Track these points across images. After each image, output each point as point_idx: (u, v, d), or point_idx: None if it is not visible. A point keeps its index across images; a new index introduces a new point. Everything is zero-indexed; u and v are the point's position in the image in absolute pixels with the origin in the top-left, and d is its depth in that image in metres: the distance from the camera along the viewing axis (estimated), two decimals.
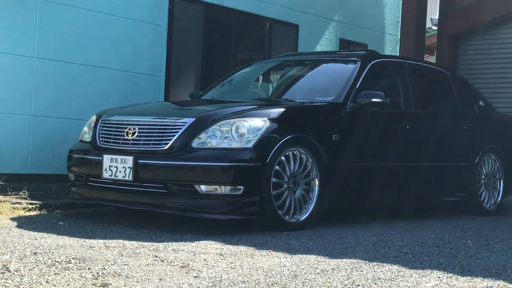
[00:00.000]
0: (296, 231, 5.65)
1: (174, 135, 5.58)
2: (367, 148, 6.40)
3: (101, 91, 8.78)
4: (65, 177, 6.62)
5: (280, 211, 5.60)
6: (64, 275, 3.89)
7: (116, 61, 8.95)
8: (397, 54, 13.10)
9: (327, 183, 5.92)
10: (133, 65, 9.14)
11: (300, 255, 4.61)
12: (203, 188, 5.43)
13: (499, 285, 3.85)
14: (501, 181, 7.89)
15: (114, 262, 4.25)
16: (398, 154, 6.71)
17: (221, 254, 4.61)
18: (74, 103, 8.51)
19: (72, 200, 6.25)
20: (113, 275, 3.93)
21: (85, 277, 3.88)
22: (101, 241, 4.95)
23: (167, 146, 5.58)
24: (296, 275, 3.98)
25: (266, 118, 5.63)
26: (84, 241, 4.93)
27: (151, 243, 4.95)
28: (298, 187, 5.78)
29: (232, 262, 4.35)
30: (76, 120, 8.41)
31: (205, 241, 5.07)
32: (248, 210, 5.47)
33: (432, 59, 17.53)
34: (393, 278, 3.95)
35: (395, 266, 4.31)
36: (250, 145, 5.48)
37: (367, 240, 5.36)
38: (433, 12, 17.98)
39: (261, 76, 7.77)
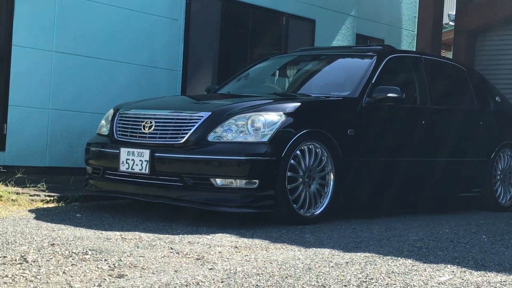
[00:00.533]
0: (311, 225, 5.68)
1: (190, 129, 5.63)
2: (382, 143, 6.41)
3: (119, 85, 8.84)
4: (83, 170, 6.69)
5: (295, 205, 5.63)
6: (81, 266, 3.94)
7: (134, 56, 9.01)
8: (414, 49, 13.07)
9: (342, 178, 5.94)
10: (151, 60, 9.19)
11: (314, 249, 4.64)
12: (218, 181, 5.48)
13: None
14: None
15: (130, 254, 4.30)
16: (413, 150, 6.71)
17: (236, 247, 4.65)
18: (92, 97, 8.59)
19: (89, 192, 6.32)
20: (129, 267, 3.99)
21: (102, 268, 3.93)
22: (117, 233, 5.01)
23: (183, 139, 5.62)
24: (310, 268, 4.01)
25: (281, 113, 5.66)
26: (101, 233, 4.98)
27: (167, 235, 5.00)
28: (313, 181, 5.81)
29: (247, 255, 4.38)
30: (94, 114, 8.48)
31: (220, 234, 5.11)
32: (263, 203, 5.51)
33: (449, 54, 17.45)
34: (407, 272, 3.97)
35: (409, 260, 4.33)
36: (265, 139, 5.52)
37: (381, 234, 5.38)
38: (450, 7, 17.90)
39: (277, 71, 7.79)
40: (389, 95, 6.30)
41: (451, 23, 17.34)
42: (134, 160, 5.75)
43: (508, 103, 8.21)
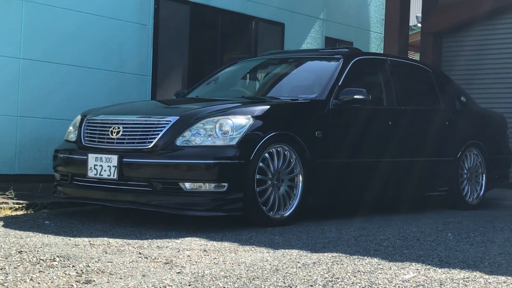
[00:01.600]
0: (281, 226, 5.72)
1: (158, 134, 5.64)
2: (350, 144, 6.47)
3: (88, 91, 8.82)
4: (52, 177, 6.66)
5: (264, 208, 5.67)
6: (49, 273, 3.94)
7: (103, 62, 8.99)
8: (382, 51, 13.20)
9: (311, 180, 5.99)
10: (120, 65, 9.19)
11: (283, 250, 4.68)
12: (187, 185, 5.49)
13: (476, 276, 3.93)
14: (483, 175, 7.99)
15: (98, 260, 4.31)
16: (381, 150, 6.79)
17: (205, 250, 4.67)
18: (61, 104, 8.55)
19: (58, 199, 6.30)
20: (97, 272, 3.99)
21: (69, 274, 3.93)
22: (86, 239, 5.01)
23: (151, 144, 5.63)
24: (277, 269, 4.05)
25: (249, 116, 5.70)
26: (69, 240, 4.98)
27: (136, 240, 5.01)
28: (282, 184, 5.85)
29: (215, 258, 4.41)
30: (63, 121, 8.45)
31: (189, 238, 5.13)
32: (232, 207, 5.54)
33: (418, 56, 17.63)
34: (373, 271, 4.02)
35: (375, 259, 4.38)
36: (234, 142, 5.55)
37: (349, 234, 5.43)
38: (418, 9, 18.08)
39: (246, 75, 7.83)
40: (356, 97, 6.37)
41: (419, 24, 17.51)
42: (102, 166, 5.75)
43: (473, 103, 8.33)
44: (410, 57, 11.35)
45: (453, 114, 7.81)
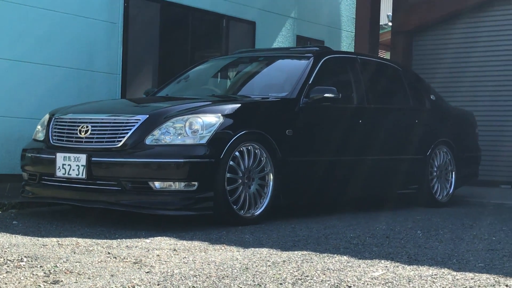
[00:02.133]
0: (251, 225, 5.71)
1: (127, 133, 5.60)
2: (320, 143, 6.49)
3: (57, 89, 8.73)
4: (20, 177, 6.58)
5: (235, 206, 5.65)
6: (16, 273, 3.89)
7: (72, 60, 8.90)
8: (353, 50, 13.25)
9: (282, 178, 5.99)
10: (89, 63, 9.10)
11: (253, 249, 4.67)
12: (157, 184, 5.46)
13: (444, 272, 3.96)
14: (453, 173, 8.05)
15: (67, 260, 4.26)
16: (351, 148, 6.81)
17: (175, 250, 4.64)
18: (29, 102, 8.45)
19: (26, 199, 6.23)
20: (65, 272, 3.95)
21: (37, 275, 3.88)
22: (54, 239, 4.95)
23: (121, 143, 5.59)
24: (247, 268, 4.04)
25: (219, 114, 5.68)
26: (37, 240, 4.92)
27: (105, 240, 4.96)
28: (252, 182, 5.84)
29: (185, 257, 4.39)
30: (32, 120, 8.35)
31: (159, 237, 5.10)
32: (202, 205, 5.52)
33: (389, 55, 17.74)
34: (342, 268, 4.03)
35: (344, 256, 4.39)
36: (204, 141, 5.53)
37: (320, 232, 5.44)
38: (389, 8, 18.18)
39: (217, 73, 7.80)
40: (326, 95, 6.38)
41: (390, 23, 17.61)
42: (70, 165, 5.69)
43: (443, 101, 8.39)
44: (381, 56, 11.39)
45: (423, 113, 7.86)
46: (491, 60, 10.91)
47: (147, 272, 3.96)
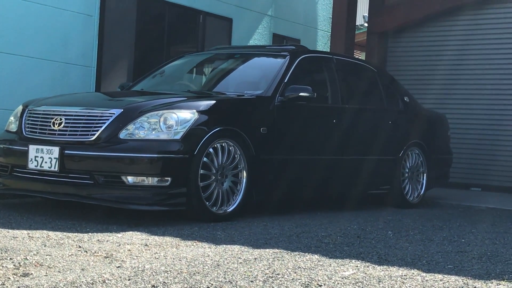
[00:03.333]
0: (224, 222, 5.72)
1: (101, 126, 5.57)
2: (294, 141, 6.51)
3: (31, 81, 8.64)
4: None
5: (207, 203, 5.66)
6: None
7: (47, 52, 8.81)
8: (329, 49, 13.30)
9: (255, 175, 6.01)
10: (64, 55, 9.02)
11: (224, 246, 4.68)
12: (130, 179, 5.44)
13: (413, 273, 4.00)
14: (424, 174, 8.13)
15: (37, 253, 4.24)
16: (324, 147, 6.85)
17: (146, 245, 4.64)
18: (3, 94, 8.35)
19: None
20: (35, 265, 3.92)
21: (6, 267, 3.86)
22: (25, 231, 4.92)
23: (94, 137, 5.56)
24: (218, 265, 4.05)
25: (194, 110, 5.67)
26: (8, 232, 4.88)
27: (76, 233, 4.94)
28: (226, 179, 5.85)
29: (157, 253, 4.38)
30: (5, 111, 8.26)
31: (131, 232, 5.09)
32: (175, 201, 5.51)
33: (364, 55, 17.84)
34: (313, 267, 4.05)
35: (315, 255, 4.42)
36: (178, 136, 5.52)
37: (292, 230, 5.46)
38: (365, 9, 18.28)
39: (193, 69, 7.79)
40: (301, 94, 6.40)
41: (365, 24, 17.71)
42: (43, 158, 5.65)
43: (416, 103, 8.46)
44: (356, 56, 11.44)
45: (396, 114, 7.92)
46: (463, 64, 11.03)
47: (118, 266, 3.95)
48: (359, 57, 13.81)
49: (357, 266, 4.12)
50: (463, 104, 10.97)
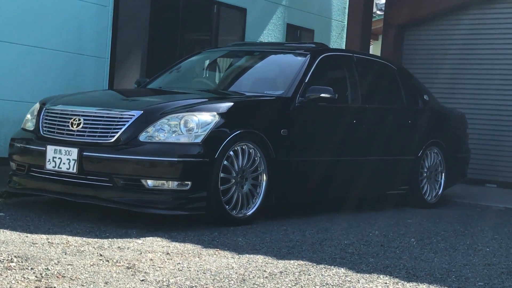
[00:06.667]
0: (243, 226, 5.64)
1: (121, 128, 5.48)
2: (314, 143, 6.41)
3: (44, 72, 8.55)
4: (5, 161, 6.43)
5: (227, 206, 5.57)
6: (6, 276, 3.79)
7: (61, 43, 8.72)
8: (343, 39, 13.15)
9: (275, 178, 5.91)
10: (78, 46, 8.92)
11: (247, 255, 4.59)
12: (150, 183, 5.36)
13: None
14: (443, 174, 8.03)
15: (58, 262, 4.16)
16: (344, 149, 6.75)
17: (168, 253, 4.56)
18: (16, 85, 8.27)
19: (13, 190, 6.08)
20: (57, 277, 3.85)
21: (28, 278, 3.79)
22: (44, 236, 4.84)
23: (114, 138, 5.47)
24: (244, 279, 3.97)
25: (215, 113, 5.57)
26: (26, 236, 4.81)
27: (96, 239, 4.86)
28: (246, 182, 5.76)
29: (179, 263, 4.30)
30: (18, 102, 8.19)
31: (151, 238, 5.01)
32: (195, 205, 5.43)
33: (375, 44, 17.67)
34: (341, 284, 3.97)
35: (342, 269, 4.33)
36: (199, 140, 5.42)
37: (313, 237, 5.37)
38: None
39: (210, 66, 7.68)
40: (322, 95, 6.29)
41: (378, 12, 17.53)
42: (61, 159, 5.56)
43: (435, 101, 8.35)
44: (375, 54, 11.25)
45: (416, 113, 7.81)
46: (471, 59, 10.88)
47: (142, 280, 3.87)
48: (373, 50, 13.61)
49: (386, 283, 4.03)
50: (478, 99, 10.84)
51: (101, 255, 4.41)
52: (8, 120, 8.03)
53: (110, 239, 4.89)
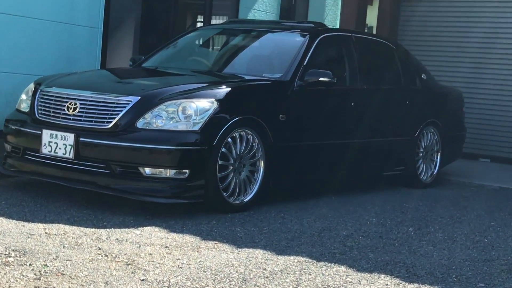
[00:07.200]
0: (241, 213, 5.61)
1: (118, 114, 5.40)
2: (312, 127, 6.34)
3: (36, 43, 8.37)
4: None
5: (225, 193, 5.53)
6: (5, 273, 3.77)
7: (53, 13, 8.54)
8: (339, 7, 12.98)
9: (272, 164, 5.87)
10: (71, 17, 8.75)
11: (247, 249, 4.57)
12: (147, 170, 5.30)
13: None
14: (439, 154, 8.00)
15: (57, 257, 4.14)
16: (342, 131, 6.70)
17: (167, 247, 4.53)
18: (8, 56, 8.10)
19: (7, 172, 6.01)
20: (56, 275, 3.83)
21: (27, 276, 3.77)
22: (41, 226, 4.81)
23: (111, 124, 5.39)
24: (245, 280, 3.95)
25: (213, 99, 5.50)
26: (23, 226, 4.77)
27: (93, 229, 4.83)
28: (243, 168, 5.71)
29: (179, 259, 4.28)
30: (10, 74, 8.04)
31: (149, 228, 4.98)
32: (193, 194, 5.39)
33: (370, 9, 17.47)
34: (342, 285, 3.96)
35: (342, 267, 4.31)
36: (197, 127, 5.36)
37: (311, 227, 5.35)
38: None
39: (206, 43, 7.56)
40: (321, 79, 6.22)
41: None
42: (57, 144, 5.49)
43: (433, 79, 8.28)
44: (373, 33, 11.09)
45: (413, 93, 7.74)
46: (471, 36, 10.79)
47: (142, 280, 3.85)
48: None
49: (387, 285, 4.02)
50: (473, 73, 10.77)
51: (99, 249, 4.38)
52: (1, 91, 7.90)
53: (107, 229, 4.86)
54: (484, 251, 5.00)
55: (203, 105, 5.43)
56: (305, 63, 6.32)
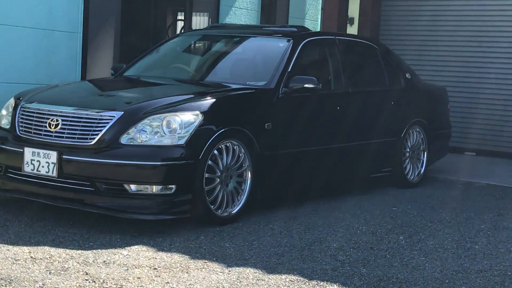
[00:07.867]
0: (229, 225, 5.53)
1: (101, 130, 5.29)
2: (298, 134, 6.26)
3: (16, 50, 8.21)
4: None
5: (212, 206, 5.45)
6: None
7: (32, 20, 8.39)
8: (320, 1, 12.88)
9: (260, 174, 5.80)
10: (48, 22, 8.59)
11: (237, 268, 4.49)
12: (133, 187, 5.21)
13: None
14: (425, 152, 7.97)
15: (43, 284, 4.05)
16: (328, 137, 6.64)
17: (155, 268, 4.45)
18: None
19: None
20: None
21: None
22: (26, 249, 4.71)
23: (94, 141, 5.28)
24: None
25: (198, 112, 5.40)
26: (8, 250, 4.67)
27: (79, 251, 4.73)
28: (230, 180, 5.63)
29: (168, 282, 4.20)
30: None
31: (136, 247, 4.89)
32: (180, 209, 5.30)
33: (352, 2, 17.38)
34: None
35: (335, 286, 4.25)
36: (182, 141, 5.26)
37: (302, 239, 5.28)
38: None
39: (188, 50, 7.44)
40: (306, 85, 6.14)
41: None
42: (40, 162, 5.38)
43: (417, 78, 8.22)
44: (356, 35, 10.97)
45: (398, 93, 7.68)
46: (459, 36, 10.76)
47: None
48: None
49: None
50: (457, 67, 10.75)
51: (86, 273, 4.30)
52: None
53: (94, 250, 4.77)
54: (476, 259, 4.96)
55: (187, 118, 5.34)
56: (289, 70, 6.24)
